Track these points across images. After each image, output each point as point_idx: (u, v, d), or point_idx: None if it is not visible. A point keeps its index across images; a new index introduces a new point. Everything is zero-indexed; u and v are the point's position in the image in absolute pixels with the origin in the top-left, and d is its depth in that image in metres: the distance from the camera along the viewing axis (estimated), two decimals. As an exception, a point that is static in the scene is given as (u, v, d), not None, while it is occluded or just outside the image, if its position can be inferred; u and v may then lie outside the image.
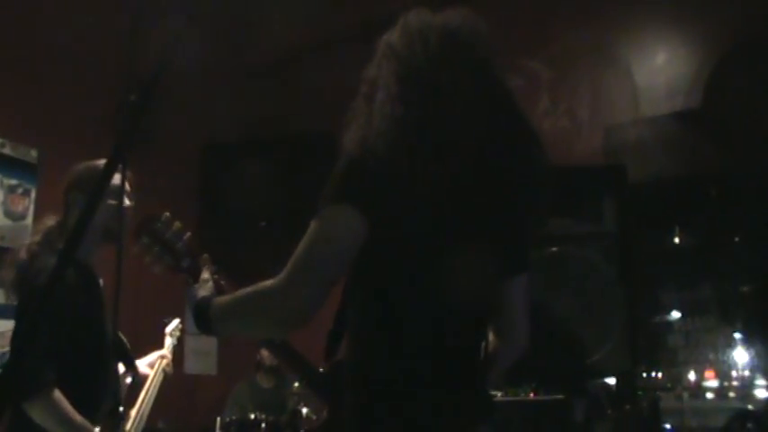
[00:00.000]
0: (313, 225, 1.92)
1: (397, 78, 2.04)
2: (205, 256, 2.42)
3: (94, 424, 3.12)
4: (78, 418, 3.07)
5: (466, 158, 1.98)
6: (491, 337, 2.23)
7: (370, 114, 2.02)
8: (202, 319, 2.11)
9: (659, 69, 5.52)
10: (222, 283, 2.34)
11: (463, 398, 2.04)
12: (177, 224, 2.41)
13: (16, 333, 3.17)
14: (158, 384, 3.81)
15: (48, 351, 2.97)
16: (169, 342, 4.07)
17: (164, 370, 3.89)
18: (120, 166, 2.12)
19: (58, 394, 3.03)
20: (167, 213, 2.42)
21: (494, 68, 2.14)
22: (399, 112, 1.97)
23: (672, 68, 5.48)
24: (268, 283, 1.92)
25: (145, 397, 3.67)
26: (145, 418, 3.63)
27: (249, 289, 1.98)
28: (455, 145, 1.97)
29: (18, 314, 3.23)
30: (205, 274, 2.33)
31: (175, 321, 4.12)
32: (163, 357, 3.92)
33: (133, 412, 3.54)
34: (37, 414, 3.01)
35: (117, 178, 3.06)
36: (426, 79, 2.03)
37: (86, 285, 3.35)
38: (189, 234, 2.43)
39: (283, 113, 7.30)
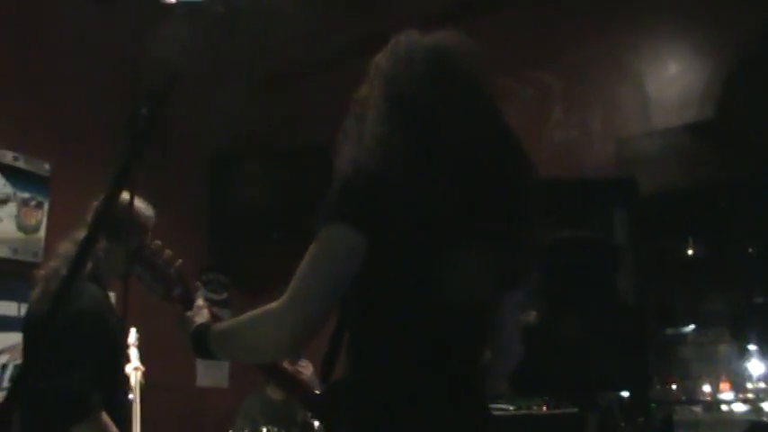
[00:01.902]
0: (312, 246, 1.93)
1: (384, 98, 2.08)
2: (197, 283, 2.46)
3: None
4: None
5: (454, 174, 1.99)
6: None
7: (360, 134, 2.05)
8: (201, 345, 2.12)
9: (671, 81, 5.51)
10: (214, 310, 2.36)
11: (463, 414, 2.04)
12: (168, 252, 2.43)
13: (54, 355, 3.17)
14: (139, 395, 3.87)
15: (93, 374, 3.00)
16: (135, 352, 4.12)
17: (140, 382, 3.95)
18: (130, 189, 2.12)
19: (104, 416, 3.07)
20: (158, 242, 2.45)
21: (481, 86, 2.16)
22: (387, 131, 2.00)
23: (684, 80, 5.47)
24: (269, 306, 1.93)
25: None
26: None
27: (249, 314, 1.99)
28: (443, 162, 1.99)
29: (42, 340, 3.23)
30: (199, 301, 2.33)
31: (132, 331, 4.15)
32: (136, 369, 3.98)
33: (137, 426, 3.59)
34: None
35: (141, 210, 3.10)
36: (411, 98, 2.05)
37: (109, 306, 3.39)
38: (180, 261, 2.44)
39: (296, 124, 7.32)
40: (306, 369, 4.63)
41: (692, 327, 5.07)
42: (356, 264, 1.90)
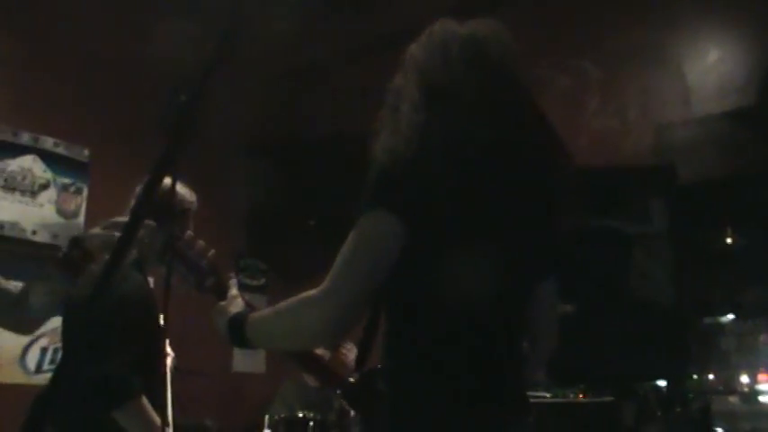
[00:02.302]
0: (352, 234, 1.93)
1: (419, 88, 2.08)
2: (230, 273, 2.43)
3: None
4: (159, 422, 3.14)
5: (490, 163, 2.00)
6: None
7: (396, 123, 2.04)
8: (237, 334, 2.13)
9: (710, 68, 5.45)
10: (248, 298, 2.36)
11: (503, 403, 2.04)
12: (200, 243, 2.44)
13: (96, 338, 3.20)
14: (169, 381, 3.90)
15: (134, 359, 3.03)
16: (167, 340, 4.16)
17: (173, 367, 3.98)
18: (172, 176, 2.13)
19: (145, 401, 3.10)
20: (190, 232, 2.49)
21: (516, 75, 2.15)
22: (422, 120, 2.00)
23: (723, 67, 5.41)
24: (308, 293, 1.92)
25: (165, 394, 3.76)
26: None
27: (288, 301, 1.99)
28: (479, 150, 1.99)
29: (84, 324, 3.27)
30: (232, 291, 2.33)
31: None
32: (167, 355, 4.02)
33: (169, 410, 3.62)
34: (126, 420, 3.08)
35: (184, 195, 3.12)
36: (447, 88, 2.06)
37: (153, 294, 3.41)
38: (213, 252, 2.45)
39: (334, 113, 7.33)
40: (350, 352, 4.64)
41: (730, 317, 5.01)
42: (396, 250, 1.90)
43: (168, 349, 4.10)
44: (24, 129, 5.98)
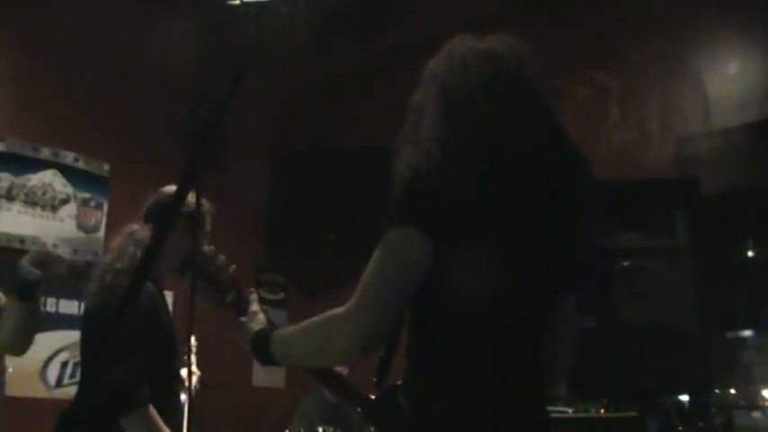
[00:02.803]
0: (378, 250, 1.92)
1: (440, 104, 2.07)
2: (250, 288, 2.41)
3: None
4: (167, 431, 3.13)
5: (514, 178, 1.99)
6: None
7: (418, 139, 2.04)
8: (262, 351, 2.12)
9: (731, 80, 5.42)
10: (269, 314, 2.34)
11: (525, 421, 2.02)
12: (221, 258, 2.42)
13: (107, 349, 3.20)
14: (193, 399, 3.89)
15: (141, 367, 3.02)
16: (194, 359, 4.14)
17: (195, 387, 3.97)
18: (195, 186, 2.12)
19: (152, 410, 3.09)
20: (211, 247, 2.43)
21: (536, 91, 2.14)
22: (444, 136, 1.99)
23: (744, 79, 5.38)
24: (336, 310, 1.91)
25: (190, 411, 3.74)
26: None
27: (315, 319, 1.98)
28: (501, 167, 1.98)
29: (96, 333, 3.28)
30: (254, 307, 2.31)
31: (192, 339, 4.18)
32: (193, 373, 4.00)
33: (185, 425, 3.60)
34: (132, 429, 3.06)
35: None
36: (467, 104, 2.04)
37: (163, 303, 3.40)
38: (233, 267, 2.43)
39: (355, 127, 7.34)
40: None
41: (751, 331, 4.97)
42: (424, 266, 1.88)
43: (194, 368, 4.09)
44: (44, 144, 6.01)
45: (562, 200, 2.06)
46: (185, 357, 3.45)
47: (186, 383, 3.73)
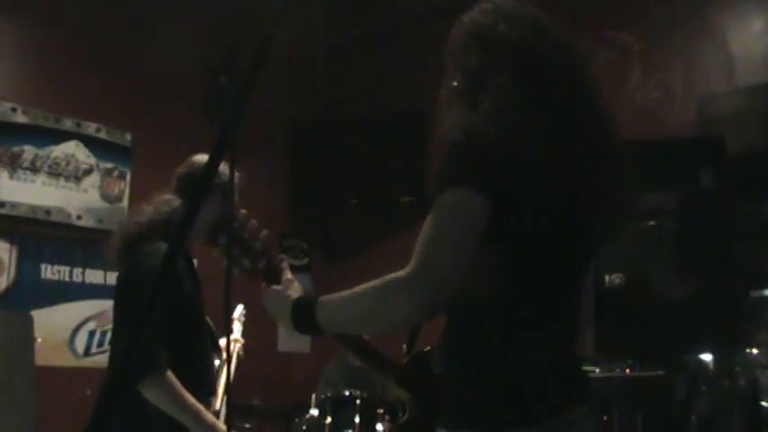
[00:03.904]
0: (435, 212, 1.87)
1: (482, 63, 2.04)
2: (281, 255, 2.34)
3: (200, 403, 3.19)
4: (190, 398, 3.12)
5: (564, 140, 1.96)
6: None
7: (464, 100, 2.01)
8: (304, 318, 2.07)
9: (755, 37, 5.36)
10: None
11: (566, 379, 2.03)
12: (253, 223, 2.32)
13: (125, 315, 3.23)
14: (235, 367, 3.90)
15: (161, 333, 3.02)
16: (238, 326, 4.15)
17: (238, 353, 3.98)
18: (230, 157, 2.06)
19: (171, 375, 3.08)
20: (243, 211, 2.33)
21: (573, 49, 2.13)
22: (507, 99, 1.95)
23: (767, 37, 5.32)
24: (395, 275, 1.86)
25: (227, 379, 3.74)
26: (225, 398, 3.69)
27: (370, 284, 1.92)
28: (558, 130, 1.96)
29: (124, 296, 3.30)
30: (288, 274, 2.25)
31: (240, 307, 4.18)
32: (236, 341, 4.00)
33: (220, 392, 3.61)
34: (151, 395, 3.06)
35: (226, 171, 3.06)
36: (513, 60, 2.02)
37: (190, 271, 3.41)
38: (266, 232, 2.32)
39: (372, 92, 7.32)
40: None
41: (776, 289, 4.94)
42: (482, 227, 1.85)
43: (238, 336, 4.10)
44: (66, 115, 6.04)
45: (600, 160, 2.05)
46: (225, 326, 3.45)
47: (225, 352, 3.75)
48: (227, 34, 6.61)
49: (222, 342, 3.76)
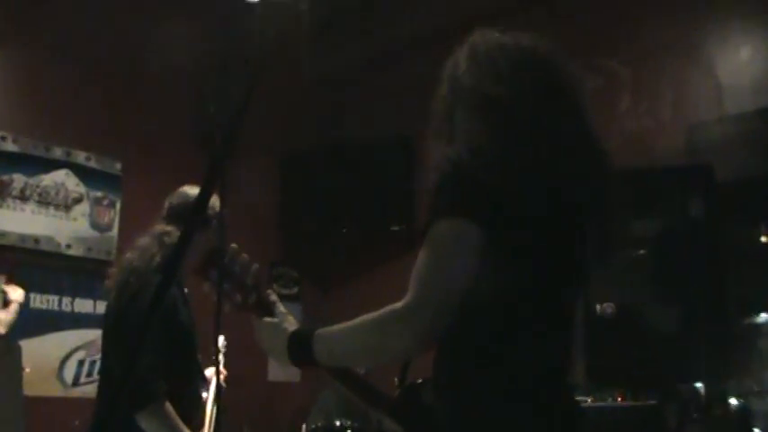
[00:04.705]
0: (429, 243, 1.88)
1: (470, 101, 2.08)
2: (269, 291, 2.31)
3: None
4: (185, 429, 3.12)
5: (547, 168, 1.97)
6: None
7: (452, 134, 2.06)
8: (301, 351, 2.05)
9: (743, 66, 5.40)
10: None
11: (559, 415, 2.02)
12: (244, 256, 2.30)
13: (120, 346, 3.22)
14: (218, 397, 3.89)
15: (158, 363, 3.01)
16: (221, 358, 4.15)
17: (223, 383, 3.97)
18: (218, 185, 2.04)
19: (169, 406, 3.08)
20: (234, 245, 2.31)
21: (563, 80, 2.14)
22: (480, 129, 2.00)
23: (756, 64, 5.36)
24: (394, 307, 1.86)
25: (217, 409, 3.73)
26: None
27: (368, 316, 1.92)
28: (537, 155, 1.96)
29: (115, 329, 3.29)
30: (281, 307, 2.23)
31: (221, 338, 4.17)
32: (220, 372, 4.00)
33: (206, 423, 3.60)
34: (148, 425, 3.06)
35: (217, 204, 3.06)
36: (499, 96, 2.03)
37: (185, 302, 3.40)
38: (256, 266, 2.31)
39: (362, 120, 7.34)
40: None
41: (766, 317, 4.95)
42: (478, 257, 1.84)
43: (221, 368, 4.09)
44: (56, 144, 6.03)
45: (588, 189, 2.06)
46: (213, 357, 3.44)
47: (212, 382, 3.73)
48: (217, 63, 6.62)
49: (208, 372, 3.75)
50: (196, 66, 6.61)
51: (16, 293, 5.20)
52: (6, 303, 5.17)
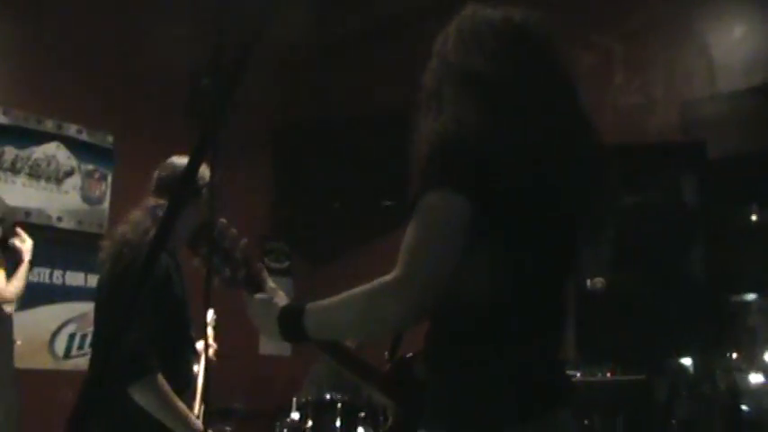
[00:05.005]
0: (418, 214, 1.88)
1: (457, 76, 2.07)
2: (259, 264, 2.30)
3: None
4: (178, 402, 3.12)
5: (536, 141, 1.97)
6: None
7: (440, 108, 2.04)
8: (293, 326, 2.03)
9: (736, 44, 5.40)
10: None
11: (551, 381, 2.03)
12: (233, 231, 2.29)
13: (112, 319, 3.22)
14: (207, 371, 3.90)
15: (151, 336, 3.01)
16: (211, 331, 4.15)
17: (212, 357, 3.97)
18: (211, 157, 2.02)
19: (161, 378, 3.08)
20: (223, 220, 2.31)
21: (552, 54, 2.13)
22: (467, 104, 1.98)
23: (749, 43, 5.36)
24: (383, 279, 1.85)
25: (206, 383, 3.74)
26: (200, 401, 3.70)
27: (359, 289, 1.91)
28: (525, 128, 1.96)
29: (108, 301, 3.29)
30: (271, 283, 2.24)
31: (210, 312, 4.17)
32: (209, 346, 4.00)
33: (197, 396, 3.61)
34: (141, 397, 3.06)
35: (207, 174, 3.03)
36: (488, 73, 2.03)
37: (178, 274, 3.39)
38: (245, 241, 2.29)
39: (355, 94, 7.32)
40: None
41: (755, 294, 4.97)
42: (466, 229, 1.84)
43: (211, 341, 4.09)
44: (48, 116, 6.01)
45: (579, 159, 2.06)
46: (202, 331, 3.44)
47: (202, 356, 3.74)
48: (211, 36, 6.59)
49: (198, 346, 3.76)
50: (189, 38, 6.58)
51: (26, 244, 5.20)
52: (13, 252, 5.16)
